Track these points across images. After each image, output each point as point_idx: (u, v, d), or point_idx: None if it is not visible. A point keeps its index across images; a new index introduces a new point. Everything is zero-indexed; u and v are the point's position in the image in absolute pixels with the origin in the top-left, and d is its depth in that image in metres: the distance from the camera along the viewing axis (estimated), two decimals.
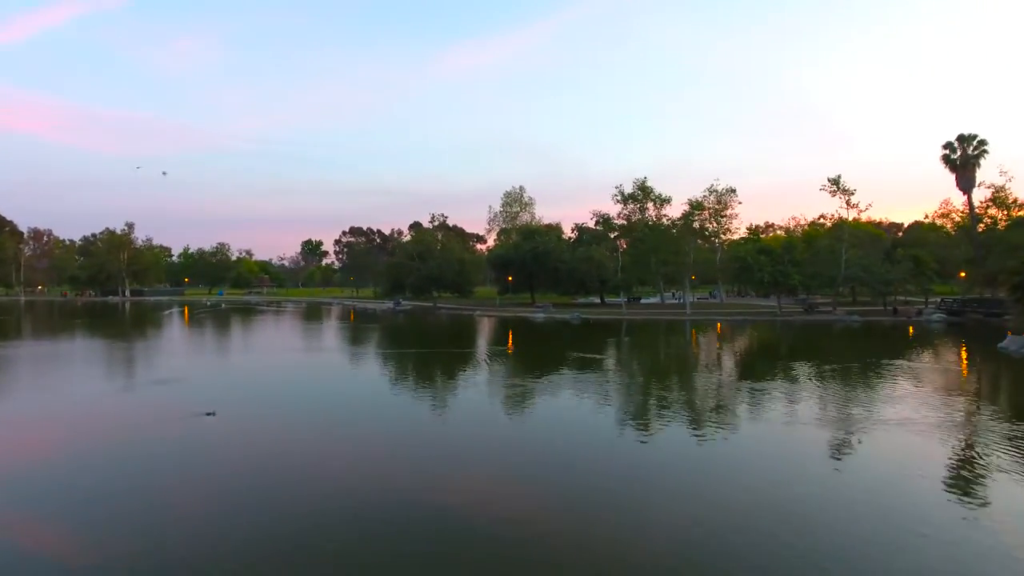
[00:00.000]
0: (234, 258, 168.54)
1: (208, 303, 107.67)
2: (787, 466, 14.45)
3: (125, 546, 9.86)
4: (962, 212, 74.15)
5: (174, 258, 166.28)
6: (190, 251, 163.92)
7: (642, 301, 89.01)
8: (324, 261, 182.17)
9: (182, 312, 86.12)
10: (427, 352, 40.04)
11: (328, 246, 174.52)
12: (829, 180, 63.09)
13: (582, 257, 77.17)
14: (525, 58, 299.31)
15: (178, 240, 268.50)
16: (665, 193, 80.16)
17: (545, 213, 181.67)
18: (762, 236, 72.22)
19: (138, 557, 9.48)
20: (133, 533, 10.40)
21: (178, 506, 11.77)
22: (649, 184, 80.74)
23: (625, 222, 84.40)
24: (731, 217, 69.91)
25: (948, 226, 74.99)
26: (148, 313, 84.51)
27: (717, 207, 69.62)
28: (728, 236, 74.95)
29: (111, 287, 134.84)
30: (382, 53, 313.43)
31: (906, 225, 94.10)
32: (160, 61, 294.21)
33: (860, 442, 16.16)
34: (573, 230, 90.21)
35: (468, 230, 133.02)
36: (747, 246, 63.45)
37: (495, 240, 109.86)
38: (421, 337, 51.66)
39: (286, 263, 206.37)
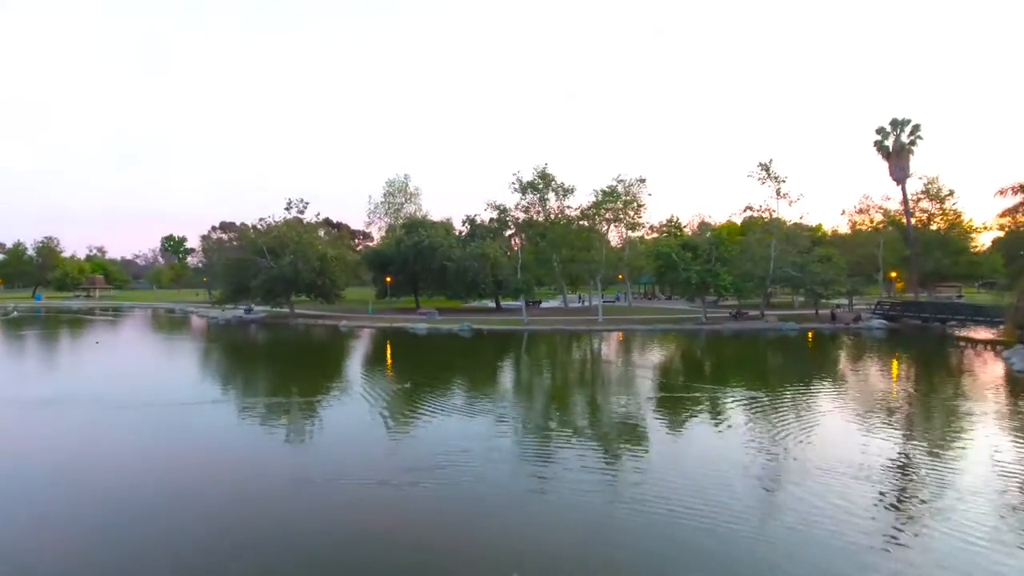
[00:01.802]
0: (78, 255, 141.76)
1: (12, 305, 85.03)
2: None
3: None
4: (882, 210, 69.18)
5: None
6: (5, 246, 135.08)
7: (542, 305, 78.06)
8: (190, 260, 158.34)
9: None
10: (213, 401, 25.63)
11: (195, 243, 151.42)
12: (760, 165, 54.47)
13: (474, 254, 64.61)
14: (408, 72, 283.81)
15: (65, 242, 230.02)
16: (567, 183, 69.77)
17: (436, 209, 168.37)
18: (679, 232, 62.92)
19: None
20: None
21: None
22: (550, 172, 70.18)
23: (524, 214, 73.25)
24: (640, 210, 59.79)
25: (869, 223, 69.65)
26: None
27: (626, 199, 59.42)
28: (637, 231, 65.42)
29: None
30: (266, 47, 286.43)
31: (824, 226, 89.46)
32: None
33: None
34: (464, 223, 77.45)
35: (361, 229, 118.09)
36: (669, 242, 53.38)
37: (382, 237, 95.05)
38: (235, 366, 36.90)
39: (139, 261, 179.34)
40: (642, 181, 59.40)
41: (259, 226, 64.13)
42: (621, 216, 56.72)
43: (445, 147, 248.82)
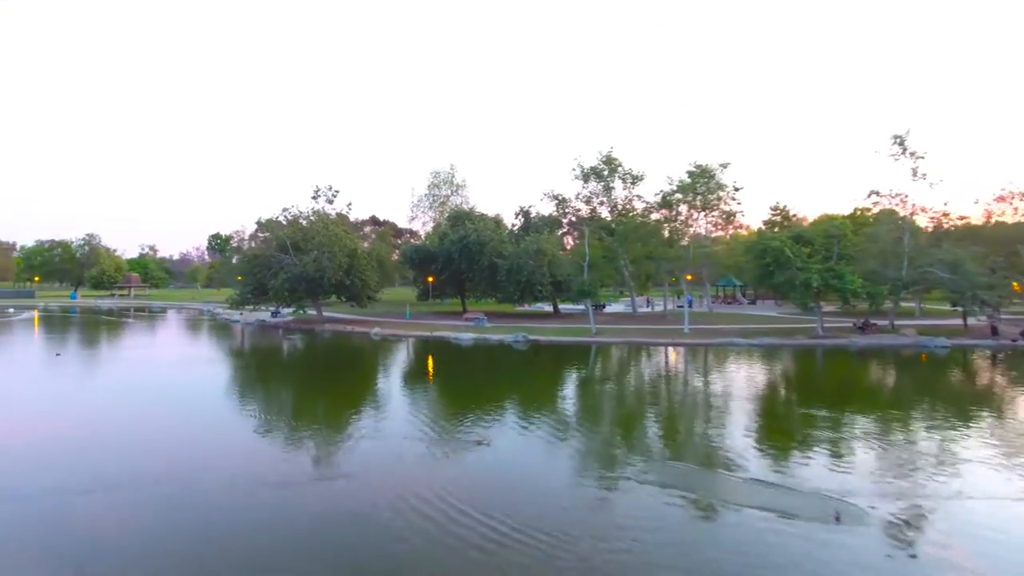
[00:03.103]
0: (128, 254, 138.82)
1: (11, 311, 79.65)
2: None
3: None
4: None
5: (17, 252, 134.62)
6: (40, 243, 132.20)
7: (606, 309, 67.83)
8: (235, 259, 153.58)
9: None
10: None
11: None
12: (894, 138, 43.00)
13: (529, 250, 54.85)
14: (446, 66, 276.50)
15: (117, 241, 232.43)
16: (637, 169, 59.41)
17: (484, 204, 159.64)
18: (788, 223, 51.43)
19: None
20: None
21: None
22: (616, 156, 60.02)
23: (585, 205, 63.31)
24: (725, 200, 48.58)
25: (1012, 214, 56.87)
26: None
27: (706, 188, 48.33)
28: (721, 225, 54.50)
29: None
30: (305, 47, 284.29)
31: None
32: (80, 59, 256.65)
33: None
34: (517, 215, 67.64)
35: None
36: (779, 234, 42.32)
37: (426, 233, 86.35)
38: (196, 396, 27.89)
39: (192, 259, 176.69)
40: (724, 167, 48.41)
41: (283, 218, 55.72)
42: (713, 203, 45.92)
43: (493, 139, 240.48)
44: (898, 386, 29.16)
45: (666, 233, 52.71)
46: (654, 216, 49.94)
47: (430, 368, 35.36)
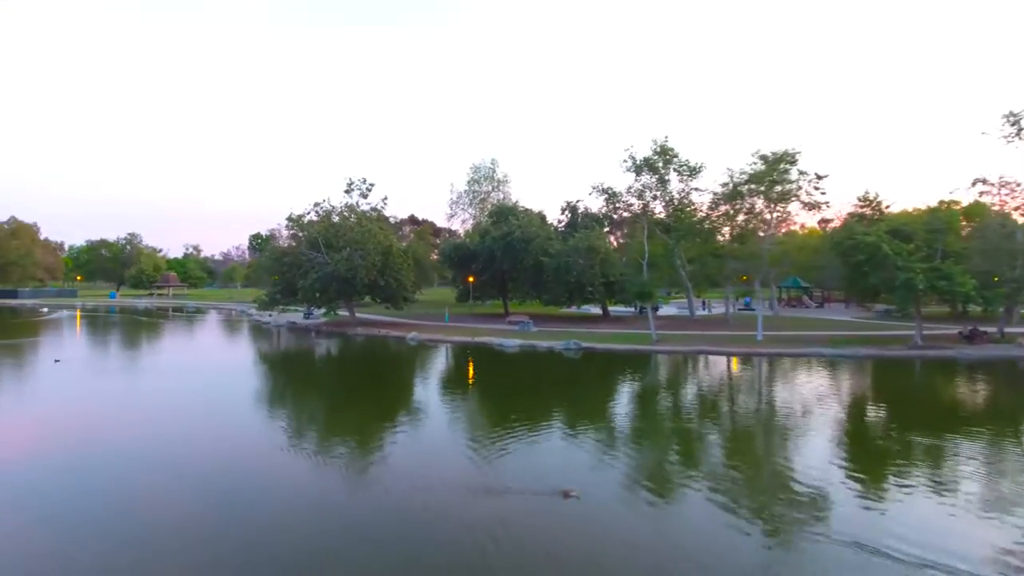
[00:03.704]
0: (172, 254, 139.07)
1: (46, 310, 78.57)
2: None
3: None
4: None
5: (66, 252, 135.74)
6: (89, 243, 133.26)
7: (660, 312, 62.72)
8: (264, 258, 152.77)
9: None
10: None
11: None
12: (1007, 117, 36.95)
13: (579, 248, 50.17)
14: (487, 64, 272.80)
15: (163, 241, 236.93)
16: (694, 160, 54.19)
17: (527, 201, 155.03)
18: (882, 215, 45.26)
19: None
20: None
21: None
22: (672, 146, 54.86)
23: (637, 200, 58.29)
24: (807, 190, 42.68)
25: None
26: None
27: (785, 177, 42.48)
28: (788, 219, 48.66)
29: None
30: (346, 48, 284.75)
31: None
32: (130, 59, 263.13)
33: None
34: (564, 211, 62.76)
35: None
36: (874, 228, 36.53)
37: (465, 231, 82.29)
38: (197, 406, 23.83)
39: (234, 258, 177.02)
40: (793, 157, 42.08)
41: (315, 214, 52.16)
42: (792, 193, 40.40)
43: (535, 132, 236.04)
44: None
45: (729, 229, 47.35)
46: (723, 208, 44.46)
47: (473, 380, 31.05)
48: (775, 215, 41.84)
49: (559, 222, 62.53)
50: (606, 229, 65.26)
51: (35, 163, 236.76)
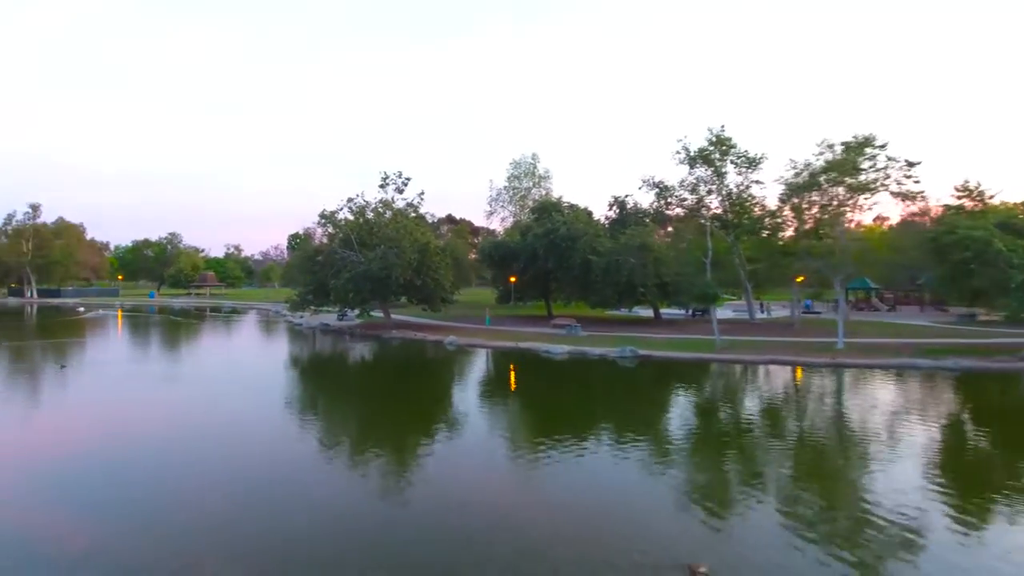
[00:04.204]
0: (212, 253, 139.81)
1: (82, 310, 78.00)
2: None
3: None
4: None
5: (112, 252, 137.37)
6: (130, 243, 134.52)
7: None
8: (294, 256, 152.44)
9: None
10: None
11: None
12: None
13: (630, 246, 46.23)
14: (522, 64, 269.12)
15: (206, 241, 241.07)
16: (753, 151, 49.88)
17: (569, 198, 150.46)
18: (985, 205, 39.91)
19: None
20: None
21: None
22: (729, 137, 50.79)
23: (690, 194, 54.27)
24: (897, 179, 37.46)
25: None
26: None
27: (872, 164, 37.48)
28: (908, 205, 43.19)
29: (16, 286, 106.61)
30: (387, 54, 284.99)
31: None
32: (174, 62, 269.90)
33: None
34: (611, 206, 58.63)
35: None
36: (981, 222, 31.69)
37: (504, 230, 78.87)
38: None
39: (259, 257, 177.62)
40: (869, 144, 36.81)
41: (348, 210, 49.30)
42: (879, 183, 35.63)
43: (576, 126, 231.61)
44: None
45: (799, 224, 42.81)
46: (795, 200, 39.97)
47: (518, 391, 27.54)
48: (857, 207, 37.15)
49: (606, 219, 58.50)
50: (653, 226, 61.26)
51: (84, 165, 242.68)
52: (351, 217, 49.43)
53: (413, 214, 49.35)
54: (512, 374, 32.18)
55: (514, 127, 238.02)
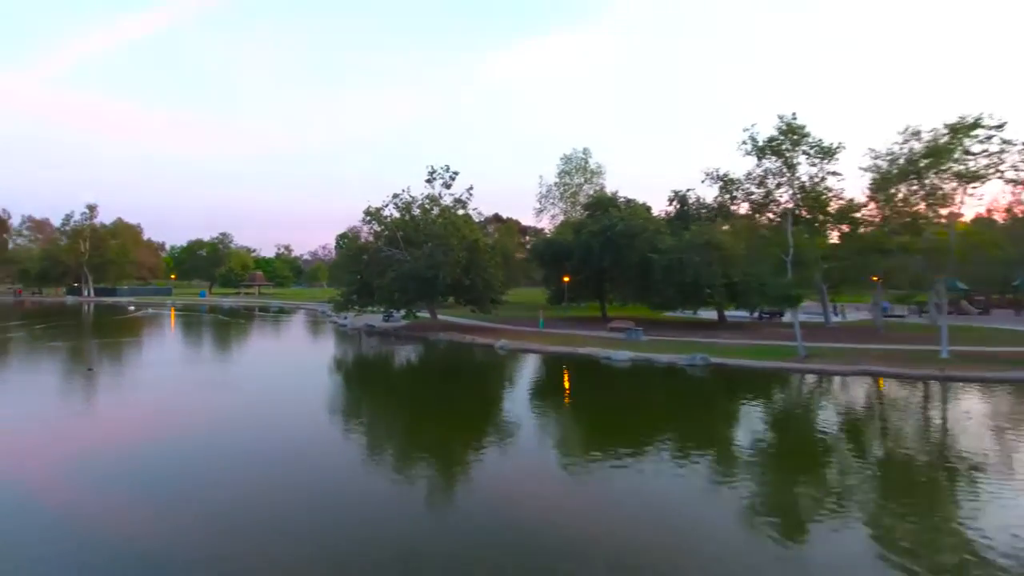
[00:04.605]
0: (264, 253, 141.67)
1: (132, 308, 78.42)
2: None
3: None
4: None
5: (167, 252, 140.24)
6: (186, 243, 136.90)
7: (783, 318, 54.27)
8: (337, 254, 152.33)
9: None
10: None
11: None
12: None
13: (696, 243, 42.68)
14: (570, 62, 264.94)
15: (253, 240, 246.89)
16: (829, 141, 45.43)
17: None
18: None
19: None
20: None
21: None
22: (802, 125, 46.44)
23: (757, 188, 50.17)
24: (997, 167, 32.62)
25: None
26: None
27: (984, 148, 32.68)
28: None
29: (76, 285, 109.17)
30: (436, 56, 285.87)
31: None
32: (226, 67, 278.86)
33: None
34: (671, 201, 54.84)
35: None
36: None
37: (553, 227, 75.73)
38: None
39: (308, 257, 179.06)
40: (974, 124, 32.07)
41: (393, 206, 47.10)
42: (995, 169, 31.13)
43: (630, 118, 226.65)
44: None
45: (888, 217, 38.46)
46: (890, 191, 35.74)
47: (579, 402, 24.57)
48: (965, 197, 32.66)
49: (666, 215, 54.77)
50: (720, 221, 57.28)
51: (143, 168, 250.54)
52: (397, 214, 47.29)
53: (461, 210, 46.75)
54: (571, 382, 29.27)
55: (563, 123, 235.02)
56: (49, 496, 12.84)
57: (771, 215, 49.56)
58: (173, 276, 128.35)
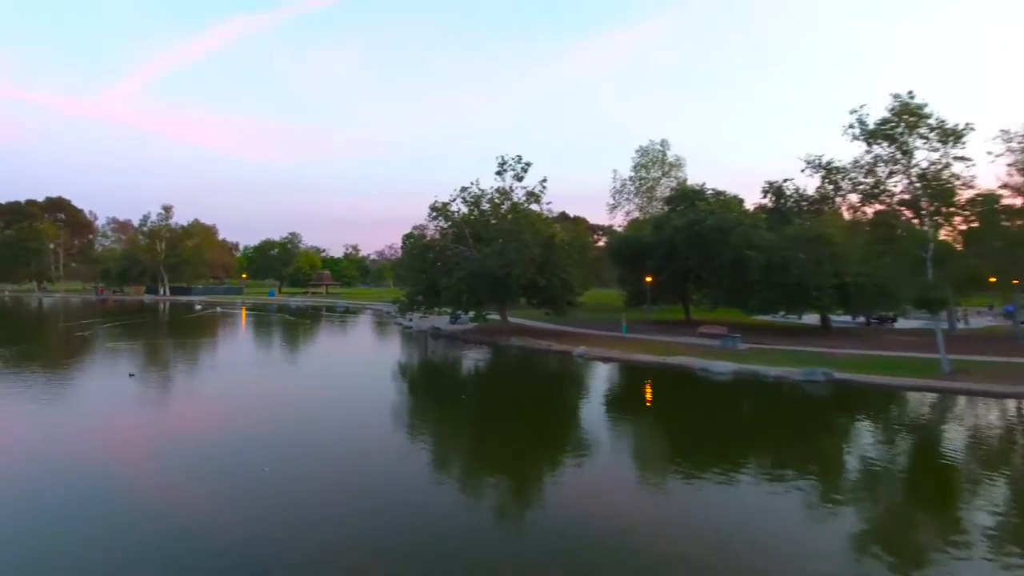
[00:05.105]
0: (332, 253, 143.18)
1: (199, 308, 78.59)
2: None
3: None
4: None
5: (241, 252, 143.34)
6: (255, 244, 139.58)
7: (896, 324, 48.12)
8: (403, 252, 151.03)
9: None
10: None
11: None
12: None
13: (803, 238, 37.51)
14: (642, 57, 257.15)
15: (322, 240, 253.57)
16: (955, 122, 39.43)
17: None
18: None
19: None
20: None
21: None
22: (921, 104, 40.62)
23: (865, 179, 44.70)
24: None
25: None
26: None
27: None
28: None
29: (154, 284, 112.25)
30: (499, 56, 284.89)
31: None
32: (306, 74, 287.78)
33: None
34: (765, 194, 49.17)
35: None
36: None
37: (631, 223, 70.97)
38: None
39: (375, 256, 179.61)
40: None
41: (461, 200, 43.89)
42: None
43: (712, 105, 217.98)
44: None
45: None
46: None
47: (680, 422, 20.43)
48: None
49: (760, 208, 49.27)
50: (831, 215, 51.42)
51: (220, 171, 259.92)
52: (465, 209, 44.12)
53: (534, 205, 43.06)
54: (666, 398, 25.18)
55: (634, 117, 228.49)
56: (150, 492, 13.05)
57: (884, 206, 44.01)
58: (244, 276, 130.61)
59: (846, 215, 46.69)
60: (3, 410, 21.40)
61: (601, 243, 74.77)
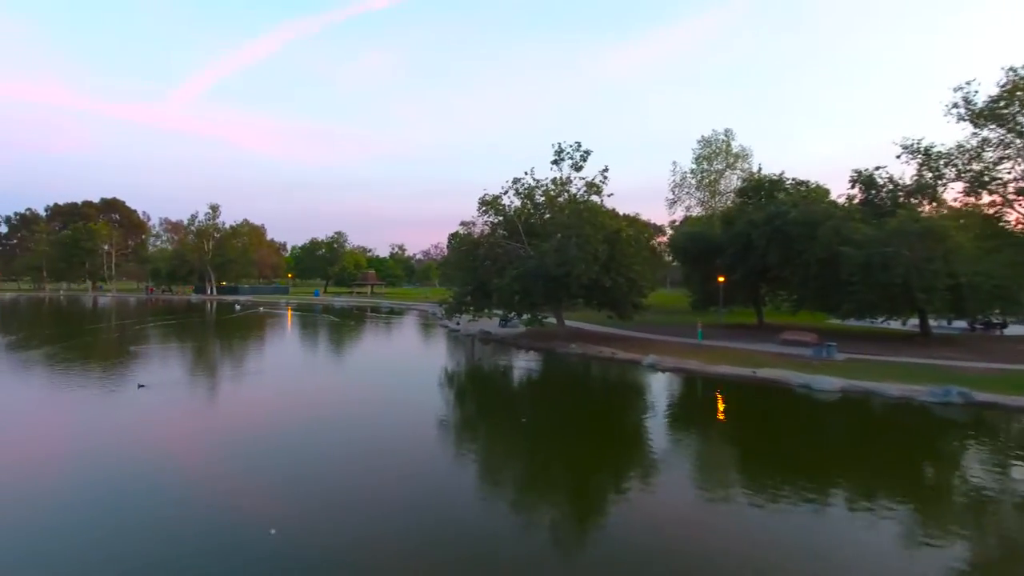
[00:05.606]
0: (379, 253, 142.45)
1: (239, 308, 77.04)
2: None
3: None
4: None
5: (288, 252, 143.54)
6: (303, 244, 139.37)
7: (1006, 331, 42.61)
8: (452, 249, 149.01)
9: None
10: None
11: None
12: None
13: (909, 232, 32.48)
14: (686, 55, 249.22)
15: (368, 240, 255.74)
16: None
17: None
18: None
19: None
20: None
21: None
22: None
23: (972, 166, 40.26)
24: None
25: None
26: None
27: None
28: None
29: (201, 283, 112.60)
30: (540, 56, 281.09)
31: None
32: (350, 77, 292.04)
33: None
34: (853, 183, 43.63)
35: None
36: None
37: (693, 219, 66.17)
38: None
39: (421, 256, 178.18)
40: None
41: (514, 193, 40.24)
42: None
43: (779, 95, 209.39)
44: None
45: None
46: None
47: (793, 462, 16.18)
48: None
49: (848, 200, 43.81)
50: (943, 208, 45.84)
51: (269, 173, 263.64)
52: (517, 203, 40.47)
53: (595, 196, 38.97)
54: (766, 423, 20.89)
55: (693, 111, 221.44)
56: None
57: (995, 196, 39.13)
58: (290, 275, 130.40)
59: (950, 206, 41.33)
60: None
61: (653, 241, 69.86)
